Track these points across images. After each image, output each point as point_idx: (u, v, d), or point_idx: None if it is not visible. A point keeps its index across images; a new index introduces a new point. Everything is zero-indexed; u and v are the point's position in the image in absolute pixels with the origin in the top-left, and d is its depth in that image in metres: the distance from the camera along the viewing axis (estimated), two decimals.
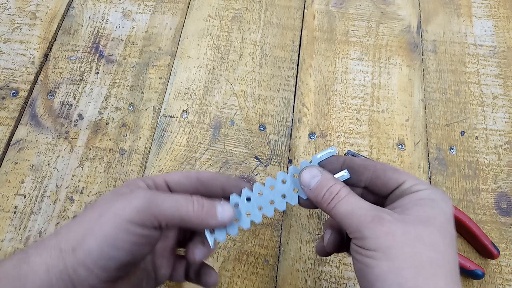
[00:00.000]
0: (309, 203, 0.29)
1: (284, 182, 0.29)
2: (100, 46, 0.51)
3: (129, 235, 0.24)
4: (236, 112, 0.47)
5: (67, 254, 0.23)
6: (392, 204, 0.26)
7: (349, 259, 0.40)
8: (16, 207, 0.42)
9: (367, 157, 0.44)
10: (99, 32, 0.52)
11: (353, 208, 0.25)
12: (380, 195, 0.28)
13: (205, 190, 0.29)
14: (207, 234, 0.28)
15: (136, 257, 0.25)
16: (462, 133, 0.47)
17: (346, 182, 0.28)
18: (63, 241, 0.24)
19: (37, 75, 0.49)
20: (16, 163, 0.44)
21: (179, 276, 0.31)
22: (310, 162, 0.29)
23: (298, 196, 0.29)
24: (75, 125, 0.46)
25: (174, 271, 0.31)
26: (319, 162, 0.29)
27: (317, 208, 0.29)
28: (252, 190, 0.29)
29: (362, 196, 0.29)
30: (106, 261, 0.24)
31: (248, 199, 0.29)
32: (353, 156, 0.43)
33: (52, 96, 0.48)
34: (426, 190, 0.26)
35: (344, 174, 0.28)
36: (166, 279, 0.31)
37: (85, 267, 0.23)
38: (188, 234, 0.32)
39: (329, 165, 0.29)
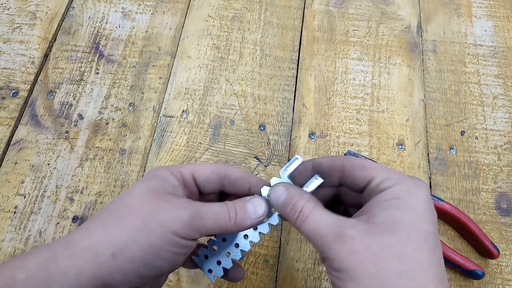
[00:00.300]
0: None
1: None
2: (100, 46, 0.51)
3: (173, 247, 0.24)
4: (236, 112, 0.47)
5: (105, 258, 0.23)
6: (361, 209, 0.25)
7: None
8: (16, 207, 0.42)
9: (367, 157, 0.44)
10: (99, 32, 0.52)
11: (315, 227, 0.24)
12: (358, 191, 0.27)
13: (231, 188, 0.29)
14: (206, 272, 0.30)
15: (175, 266, 0.25)
16: (462, 133, 0.47)
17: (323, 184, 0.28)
18: (100, 244, 0.23)
19: (37, 75, 0.49)
20: (16, 163, 0.44)
21: (191, 265, 0.31)
22: (280, 177, 0.29)
23: None
24: (75, 125, 0.46)
25: (188, 260, 0.31)
26: (288, 175, 0.29)
27: None
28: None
29: (343, 194, 0.28)
30: (148, 270, 0.24)
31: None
32: (354, 155, 0.43)
33: (52, 96, 0.48)
34: (393, 188, 0.24)
35: (316, 180, 0.28)
36: (180, 266, 0.31)
37: (123, 273, 0.23)
38: None
39: (299, 175, 0.29)
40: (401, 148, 0.46)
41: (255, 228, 0.30)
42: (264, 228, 0.29)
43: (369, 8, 0.54)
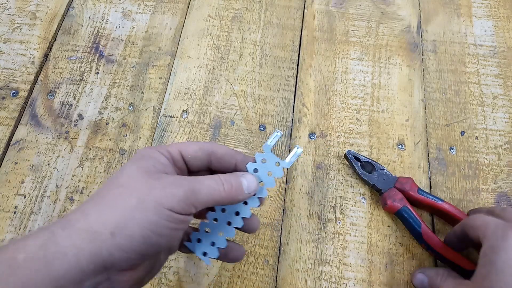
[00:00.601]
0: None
1: (265, 161, 0.31)
2: (100, 46, 0.51)
3: (170, 222, 0.25)
4: (236, 112, 0.47)
5: (103, 237, 0.23)
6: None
7: (349, 259, 0.40)
8: (16, 207, 0.42)
9: (367, 157, 0.44)
10: (99, 32, 0.52)
11: None
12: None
13: (218, 164, 0.30)
14: (200, 256, 0.30)
15: (172, 242, 0.26)
16: (462, 133, 0.47)
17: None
18: (97, 224, 0.24)
19: (37, 75, 0.49)
20: (16, 163, 0.44)
21: (186, 249, 0.32)
22: (263, 152, 0.31)
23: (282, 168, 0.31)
24: (75, 125, 0.46)
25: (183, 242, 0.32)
26: (271, 149, 0.31)
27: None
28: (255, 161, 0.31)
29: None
30: (147, 247, 0.24)
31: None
32: (354, 156, 0.43)
33: (52, 96, 0.48)
34: (484, 246, 0.30)
35: (297, 150, 0.31)
36: (176, 250, 0.32)
37: (123, 251, 0.24)
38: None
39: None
40: (401, 148, 0.46)
41: (245, 203, 0.30)
42: (254, 203, 0.30)
43: (369, 8, 0.54)
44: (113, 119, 0.47)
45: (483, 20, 0.54)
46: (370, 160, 0.43)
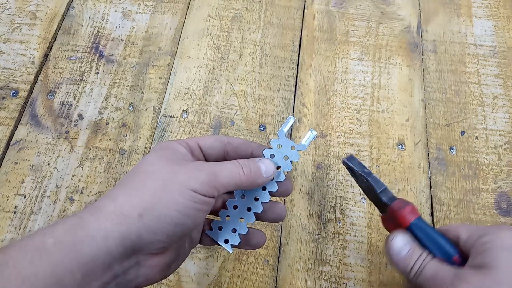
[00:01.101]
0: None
1: (280, 147, 0.32)
2: (100, 46, 0.51)
3: (195, 203, 0.25)
4: (236, 112, 0.47)
5: (131, 219, 0.24)
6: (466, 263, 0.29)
7: (349, 259, 0.40)
8: (16, 207, 0.42)
9: (364, 167, 0.44)
10: (99, 32, 0.52)
11: (433, 275, 0.28)
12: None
13: (234, 154, 0.31)
14: (222, 243, 0.31)
15: (197, 223, 0.27)
16: (462, 133, 0.47)
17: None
18: (125, 207, 0.24)
19: (37, 75, 0.49)
20: (16, 163, 0.44)
21: (207, 240, 0.32)
22: (278, 138, 0.31)
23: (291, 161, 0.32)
24: (75, 125, 0.46)
25: (204, 235, 0.32)
26: (285, 134, 0.31)
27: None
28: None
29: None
30: (174, 227, 0.25)
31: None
32: (351, 159, 0.34)
33: (52, 96, 0.48)
34: (480, 239, 0.28)
35: (311, 133, 0.31)
36: (197, 243, 0.32)
37: (151, 232, 0.24)
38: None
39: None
40: (401, 148, 0.46)
41: (264, 189, 0.31)
42: (272, 187, 0.31)
43: (369, 8, 0.54)
44: (113, 119, 0.47)
45: (483, 20, 0.54)
46: (364, 175, 0.33)
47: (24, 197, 0.42)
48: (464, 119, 0.47)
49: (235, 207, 0.31)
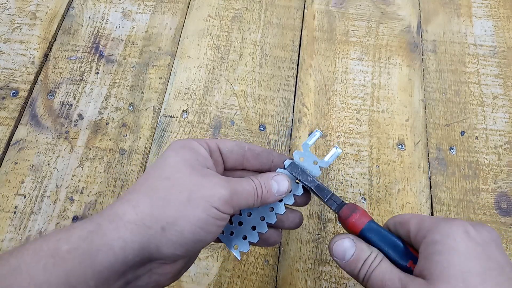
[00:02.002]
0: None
1: (302, 159, 0.32)
2: (100, 46, 0.51)
3: (216, 220, 0.25)
4: (236, 112, 0.47)
5: (153, 232, 0.23)
6: (417, 263, 0.26)
7: None
8: (16, 207, 0.42)
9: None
10: (99, 32, 0.52)
11: (382, 281, 0.25)
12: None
13: (256, 162, 0.31)
14: (231, 249, 0.31)
15: (214, 238, 0.26)
16: (462, 133, 0.47)
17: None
18: (148, 218, 0.24)
19: (37, 75, 0.49)
20: (16, 163, 0.44)
21: (216, 239, 0.32)
22: (302, 150, 0.31)
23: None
24: (75, 125, 0.46)
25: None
26: (309, 147, 0.31)
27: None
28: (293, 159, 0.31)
29: None
30: (195, 243, 0.25)
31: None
32: (293, 167, 0.32)
33: (52, 96, 0.48)
34: (429, 236, 0.24)
35: (336, 150, 0.31)
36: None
37: (172, 247, 0.24)
38: None
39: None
40: (401, 148, 0.46)
41: (280, 200, 0.31)
42: (289, 200, 0.31)
43: (369, 8, 0.54)
44: (113, 119, 0.47)
45: (483, 20, 0.54)
46: (308, 184, 0.31)
47: (24, 197, 0.42)
48: (464, 119, 0.47)
49: (249, 214, 0.31)
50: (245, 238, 0.31)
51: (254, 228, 0.31)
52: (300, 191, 0.31)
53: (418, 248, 0.26)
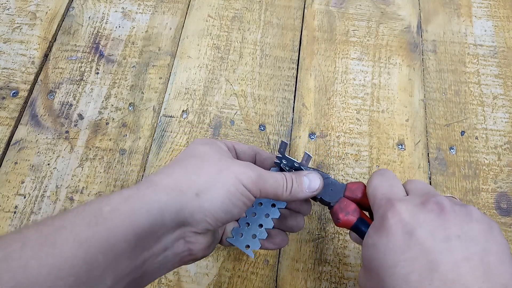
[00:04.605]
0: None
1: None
2: (100, 46, 0.51)
3: (242, 196, 0.27)
4: (236, 112, 0.47)
5: (189, 197, 0.25)
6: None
7: (349, 259, 0.40)
8: (16, 207, 0.42)
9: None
10: (99, 32, 0.52)
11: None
12: None
13: (261, 166, 0.32)
14: (243, 249, 0.32)
15: (238, 216, 0.27)
16: (462, 133, 0.47)
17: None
18: (183, 184, 0.25)
19: (37, 75, 0.49)
20: (16, 163, 0.44)
21: (227, 243, 0.33)
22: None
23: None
24: (75, 125, 0.46)
25: (223, 240, 0.33)
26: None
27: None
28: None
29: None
30: (223, 213, 0.26)
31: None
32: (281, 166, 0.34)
33: (52, 96, 0.48)
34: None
35: (308, 156, 0.31)
36: (219, 240, 0.33)
37: (203, 213, 0.25)
38: None
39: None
40: (401, 148, 0.46)
41: (274, 205, 0.33)
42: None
43: (369, 8, 0.54)
44: (113, 119, 0.47)
45: (483, 20, 0.54)
46: (303, 167, 0.32)
47: (24, 197, 0.42)
48: (464, 119, 0.47)
49: (254, 214, 0.32)
50: (254, 237, 0.32)
51: (261, 226, 0.32)
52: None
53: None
